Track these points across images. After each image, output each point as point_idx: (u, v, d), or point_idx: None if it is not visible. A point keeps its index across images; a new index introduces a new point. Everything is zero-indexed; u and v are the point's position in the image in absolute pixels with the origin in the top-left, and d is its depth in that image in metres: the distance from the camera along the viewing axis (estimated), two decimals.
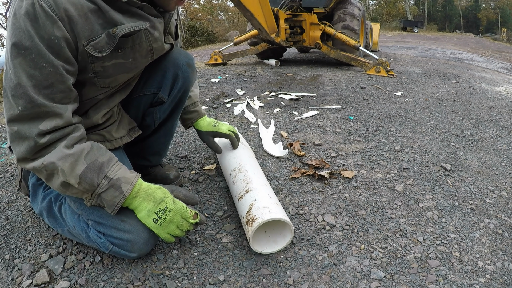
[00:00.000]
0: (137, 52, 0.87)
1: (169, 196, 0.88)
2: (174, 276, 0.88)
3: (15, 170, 1.46)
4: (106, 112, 0.96)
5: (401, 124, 2.05)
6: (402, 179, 1.37)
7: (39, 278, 0.86)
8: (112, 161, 0.84)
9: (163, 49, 0.95)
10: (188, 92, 1.14)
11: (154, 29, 0.87)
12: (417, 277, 0.88)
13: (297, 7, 4.30)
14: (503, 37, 25.86)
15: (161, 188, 0.88)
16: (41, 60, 0.71)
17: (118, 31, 0.78)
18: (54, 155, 0.77)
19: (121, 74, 0.88)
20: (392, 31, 22.92)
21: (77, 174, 0.77)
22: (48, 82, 0.74)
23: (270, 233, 0.98)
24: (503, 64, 7.32)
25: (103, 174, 0.81)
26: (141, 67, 0.93)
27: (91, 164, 0.80)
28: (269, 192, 1.02)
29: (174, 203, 0.87)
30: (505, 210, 1.19)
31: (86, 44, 0.76)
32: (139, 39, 0.86)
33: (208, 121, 1.29)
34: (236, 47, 5.67)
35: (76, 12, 0.73)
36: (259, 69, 4.18)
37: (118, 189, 0.81)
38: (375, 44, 6.72)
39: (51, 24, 0.70)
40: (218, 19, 21.43)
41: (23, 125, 0.74)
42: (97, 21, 0.77)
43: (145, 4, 0.83)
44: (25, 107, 0.73)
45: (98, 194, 0.81)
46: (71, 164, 0.77)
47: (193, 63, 1.12)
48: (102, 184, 0.80)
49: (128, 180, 0.83)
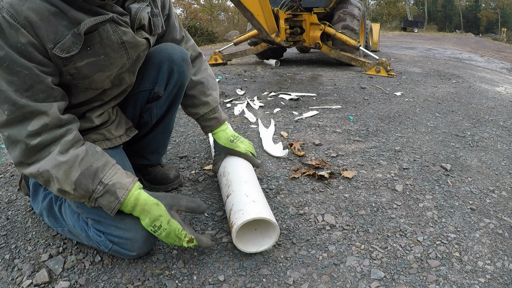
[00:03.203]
0: (108, 47, 0.85)
1: (164, 215, 0.85)
2: (174, 276, 0.88)
3: (15, 170, 1.46)
4: (102, 113, 0.97)
5: (401, 124, 2.05)
6: (402, 179, 1.37)
7: (39, 278, 0.86)
8: (107, 166, 0.84)
9: (136, 42, 0.90)
10: (184, 87, 1.13)
11: (119, 24, 0.85)
12: (417, 277, 0.88)
13: (297, 7, 4.29)
14: (503, 37, 25.86)
15: (158, 204, 0.85)
16: (15, 65, 0.73)
17: (81, 27, 0.77)
18: (48, 162, 0.78)
19: (97, 73, 0.86)
20: (392, 31, 22.93)
21: (72, 181, 0.78)
22: (27, 84, 0.75)
23: (260, 229, 0.98)
24: (503, 64, 7.32)
25: (98, 180, 0.81)
26: (117, 64, 0.90)
27: (85, 171, 0.80)
28: (246, 190, 1.01)
29: (168, 223, 0.84)
30: (505, 210, 1.19)
31: (52, 47, 0.76)
32: (106, 33, 0.83)
33: (227, 135, 1.23)
34: (236, 47, 5.67)
35: (37, 17, 0.73)
36: (259, 69, 4.18)
37: (113, 194, 0.82)
38: (375, 44, 6.72)
39: (15, 33, 0.71)
40: (218, 19, 21.44)
41: (13, 129, 0.76)
42: (61, 22, 0.76)
43: (107, 2, 0.81)
44: (10, 110, 0.74)
45: (95, 199, 0.82)
46: (65, 172, 0.78)
47: (188, 57, 1.10)
48: (97, 190, 0.81)
49: (124, 186, 0.83)
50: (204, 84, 1.19)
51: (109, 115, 1.01)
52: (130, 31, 0.88)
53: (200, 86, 1.18)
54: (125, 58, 0.91)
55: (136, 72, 1.01)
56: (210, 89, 1.20)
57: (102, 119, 0.98)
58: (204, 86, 1.19)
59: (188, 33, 1.25)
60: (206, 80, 1.20)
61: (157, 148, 1.25)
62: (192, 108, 1.20)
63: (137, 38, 0.91)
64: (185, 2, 20.11)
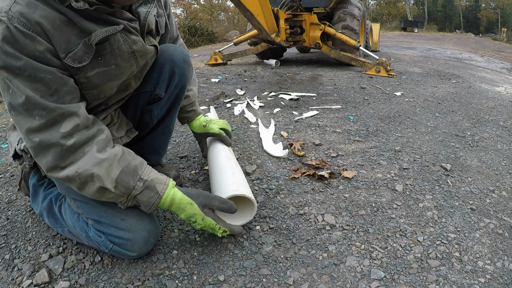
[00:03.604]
0: (118, 57, 0.85)
1: (198, 213, 0.89)
2: (174, 276, 0.88)
3: (15, 170, 1.46)
4: (105, 116, 0.97)
5: (401, 124, 2.05)
6: (402, 179, 1.37)
7: (39, 278, 0.86)
8: (144, 164, 0.87)
9: (146, 50, 0.92)
10: (185, 88, 1.14)
11: (129, 32, 0.85)
12: (417, 277, 0.88)
13: (297, 7, 4.29)
14: (503, 37, 25.85)
15: (192, 204, 0.89)
16: (37, 72, 0.72)
17: (93, 39, 0.77)
18: (88, 161, 0.78)
19: (107, 83, 0.86)
20: (392, 31, 22.92)
21: (112, 179, 0.79)
22: (52, 89, 0.74)
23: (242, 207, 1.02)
24: (503, 64, 7.32)
25: (137, 176, 0.83)
26: (127, 73, 0.91)
27: (125, 168, 0.82)
28: (217, 174, 1.08)
29: (203, 220, 0.90)
30: (505, 210, 1.19)
31: (64, 57, 0.76)
32: (117, 43, 0.83)
33: (200, 122, 1.31)
34: (236, 47, 5.67)
35: (50, 25, 0.72)
36: (259, 69, 4.18)
37: (153, 189, 0.84)
38: (375, 44, 6.71)
39: (32, 42, 0.70)
40: (218, 19, 21.43)
41: (44, 134, 0.75)
42: (72, 32, 0.75)
43: (116, 9, 0.81)
44: (41, 115, 0.74)
45: (134, 196, 0.83)
46: (107, 170, 0.79)
47: (189, 59, 1.11)
48: (138, 186, 0.83)
49: (162, 181, 0.87)
50: None
51: (111, 117, 1.02)
52: (140, 39, 0.89)
53: None
54: (134, 67, 0.92)
55: (142, 78, 1.02)
56: (191, 84, 1.26)
57: (105, 122, 0.98)
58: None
59: (188, 33, 1.27)
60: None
61: (157, 149, 1.25)
62: None
63: (146, 47, 0.92)
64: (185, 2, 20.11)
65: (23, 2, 0.70)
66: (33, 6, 0.70)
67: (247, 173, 1.38)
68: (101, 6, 0.76)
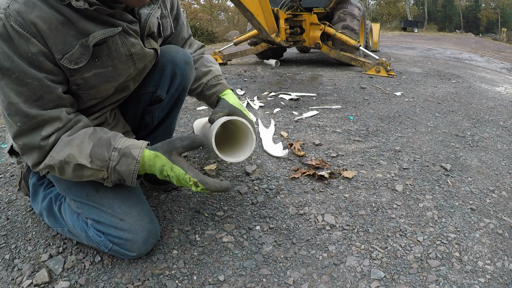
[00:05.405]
0: (115, 59, 0.85)
1: (166, 163, 0.84)
2: (174, 276, 0.88)
3: (15, 170, 1.46)
4: (99, 116, 0.97)
5: (401, 124, 2.05)
6: (402, 179, 1.37)
7: (39, 278, 0.86)
8: (117, 135, 0.85)
9: (144, 53, 0.91)
10: (186, 89, 1.13)
11: (128, 35, 0.85)
12: (417, 277, 0.88)
13: (297, 7, 4.29)
14: (503, 37, 25.87)
15: (158, 155, 0.84)
16: (25, 76, 0.72)
17: (90, 40, 0.77)
18: (59, 144, 0.79)
19: (103, 84, 0.86)
20: (392, 31, 22.93)
21: (86, 154, 0.79)
22: (37, 95, 0.75)
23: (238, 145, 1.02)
24: (503, 64, 7.32)
25: (111, 147, 0.81)
26: (124, 75, 0.90)
27: (97, 141, 0.81)
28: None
29: (172, 170, 0.83)
30: (505, 210, 1.19)
31: (60, 58, 0.76)
32: (115, 46, 0.83)
33: (236, 99, 1.13)
34: (236, 47, 5.67)
35: (46, 27, 0.72)
36: (259, 69, 4.18)
37: (129, 156, 0.81)
38: (375, 44, 6.71)
39: (25, 42, 0.71)
40: (218, 19, 21.42)
41: (27, 138, 0.77)
42: (69, 32, 0.75)
43: (117, 11, 0.80)
44: (23, 121, 0.75)
45: (113, 168, 0.81)
46: (78, 146, 0.79)
47: (191, 60, 1.10)
48: (113, 156, 0.81)
49: (137, 146, 0.83)
50: (204, 58, 1.20)
51: (105, 118, 1.01)
52: (139, 42, 0.88)
53: (201, 60, 1.19)
54: (132, 69, 0.91)
55: (140, 80, 1.02)
56: (210, 62, 1.19)
57: (98, 121, 0.98)
58: (204, 59, 1.20)
59: None
60: (205, 57, 1.21)
61: None
62: (193, 83, 1.16)
63: (145, 50, 0.91)
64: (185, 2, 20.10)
65: (21, 1, 0.70)
66: (31, 5, 0.70)
67: (247, 173, 1.38)
68: (101, 7, 0.76)
